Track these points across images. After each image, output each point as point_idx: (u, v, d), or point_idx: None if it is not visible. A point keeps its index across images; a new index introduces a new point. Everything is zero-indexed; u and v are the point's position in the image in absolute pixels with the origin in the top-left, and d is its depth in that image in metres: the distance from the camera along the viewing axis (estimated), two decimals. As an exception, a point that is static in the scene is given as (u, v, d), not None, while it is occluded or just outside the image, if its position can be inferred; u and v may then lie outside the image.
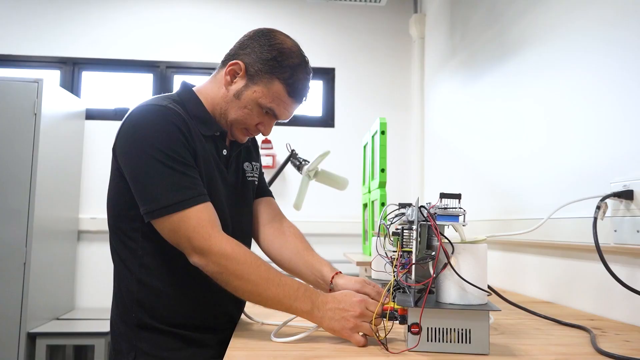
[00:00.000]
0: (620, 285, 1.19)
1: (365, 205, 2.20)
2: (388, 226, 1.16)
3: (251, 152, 1.31)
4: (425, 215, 0.91)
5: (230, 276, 0.99)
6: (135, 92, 3.48)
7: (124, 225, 1.12)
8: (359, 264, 1.69)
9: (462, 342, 0.89)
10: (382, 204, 1.68)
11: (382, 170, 1.68)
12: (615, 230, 1.24)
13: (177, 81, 3.49)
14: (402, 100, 3.54)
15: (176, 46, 3.44)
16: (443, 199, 0.90)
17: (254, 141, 1.35)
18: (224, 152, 1.19)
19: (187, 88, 1.19)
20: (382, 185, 1.70)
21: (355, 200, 3.20)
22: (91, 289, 3.21)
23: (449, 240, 0.90)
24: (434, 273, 0.89)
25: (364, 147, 2.25)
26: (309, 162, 2.19)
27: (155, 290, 1.10)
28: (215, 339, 1.13)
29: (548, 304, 1.55)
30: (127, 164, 1.05)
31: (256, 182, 1.30)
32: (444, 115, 2.83)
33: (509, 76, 1.96)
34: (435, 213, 0.90)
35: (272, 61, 1.11)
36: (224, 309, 1.17)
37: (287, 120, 1.21)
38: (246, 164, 1.26)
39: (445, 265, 0.89)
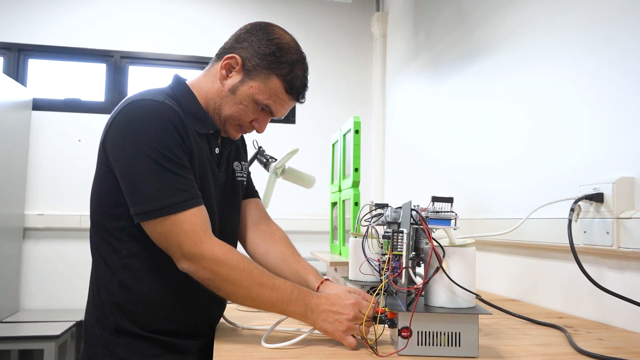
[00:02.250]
0: (587, 284, 1.23)
1: (333, 204, 2.19)
2: (372, 227, 1.15)
3: (240, 151, 1.27)
4: (417, 218, 0.90)
5: (223, 282, 0.96)
6: (87, 82, 3.31)
7: (109, 224, 1.05)
8: (332, 264, 1.67)
9: (451, 345, 0.89)
10: (356, 204, 1.67)
11: (356, 170, 1.67)
12: (584, 232, 1.28)
13: (132, 72, 3.35)
14: (363, 98, 3.56)
15: (131, 35, 3.30)
16: (436, 202, 0.90)
17: (243, 140, 1.31)
18: (216, 150, 1.14)
19: (180, 82, 1.13)
20: (356, 184, 1.69)
21: (319, 198, 3.19)
22: (38, 290, 3.04)
23: (440, 244, 0.90)
24: (425, 277, 0.89)
25: (333, 145, 2.23)
26: (275, 159, 2.15)
27: (137, 294, 1.04)
28: (197, 345, 1.08)
29: (515, 302, 1.60)
30: (119, 160, 0.99)
31: (245, 183, 1.26)
32: (407, 115, 2.86)
33: (476, 77, 1.99)
34: (427, 216, 0.89)
35: (270, 56, 1.07)
36: (208, 315, 1.13)
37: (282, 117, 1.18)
38: (236, 163, 1.22)
39: (437, 269, 0.88)
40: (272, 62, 1.07)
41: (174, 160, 0.97)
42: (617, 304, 1.20)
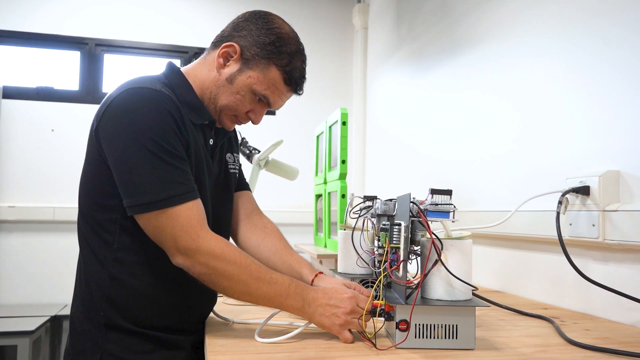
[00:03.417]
0: (572, 275, 1.25)
1: (318, 196, 2.17)
2: (368, 220, 1.14)
3: (232, 143, 1.24)
4: (416, 211, 0.90)
5: (220, 277, 0.94)
6: (61, 70, 3.20)
7: (99, 215, 1.02)
8: (320, 257, 1.66)
9: (448, 337, 0.89)
10: (343, 196, 1.66)
11: (343, 162, 1.66)
12: (570, 224, 1.30)
13: (108, 60, 3.25)
14: (343, 90, 3.55)
15: (107, 23, 3.20)
16: (434, 195, 0.89)
17: (234, 132, 1.28)
18: (210, 141, 1.11)
19: (175, 70, 1.09)
20: (343, 176, 1.69)
21: (301, 190, 3.17)
22: (10, 284, 2.94)
23: (437, 237, 0.90)
24: (425, 269, 0.89)
25: (317, 137, 2.21)
26: (259, 150, 2.12)
27: (129, 288, 1.01)
28: (189, 340, 1.06)
29: (499, 293, 1.62)
30: (114, 150, 0.95)
31: (237, 175, 1.24)
32: (389, 107, 2.86)
33: (461, 70, 2.00)
34: (426, 209, 0.89)
35: (270, 46, 1.05)
36: (200, 309, 1.10)
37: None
38: (228, 155, 1.20)
39: (436, 262, 0.88)
40: (272, 52, 1.05)
41: (171, 152, 0.95)
42: (602, 295, 1.23)
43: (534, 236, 1.46)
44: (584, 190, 1.26)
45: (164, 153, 0.93)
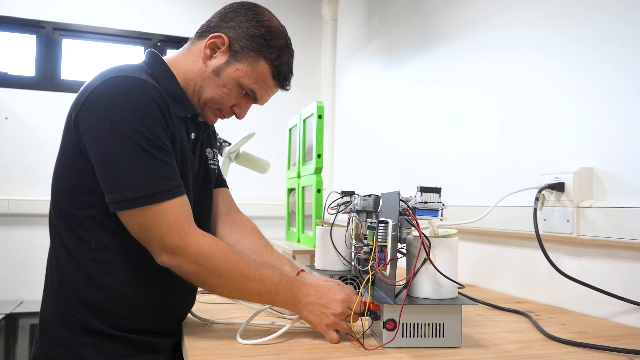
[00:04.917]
0: (544, 270, 1.28)
1: (290, 190, 2.14)
2: (354, 217, 1.12)
3: (212, 137, 1.19)
4: (404, 209, 0.88)
5: (209, 275, 0.90)
6: (15, 55, 3.03)
7: (77, 212, 0.95)
8: (295, 252, 1.64)
9: (435, 336, 0.89)
10: (318, 191, 1.64)
11: (319, 156, 1.64)
12: (545, 220, 1.32)
13: (66, 45, 3.10)
14: (311, 83, 3.50)
15: (65, 5, 3.04)
16: (424, 193, 0.88)
17: (213, 126, 1.23)
18: (192, 135, 1.06)
19: (157, 59, 1.03)
20: (319, 171, 1.66)
21: (270, 183, 3.12)
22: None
23: (425, 235, 0.89)
24: (414, 268, 0.88)
25: (290, 130, 2.18)
26: (229, 143, 2.07)
27: (108, 290, 0.95)
28: (168, 342, 1.01)
29: (471, 287, 1.64)
30: (96, 142, 0.89)
31: (216, 171, 1.19)
32: (359, 101, 2.85)
33: (434, 64, 2.00)
34: (415, 207, 0.88)
35: (260, 39, 1.01)
36: (180, 310, 1.06)
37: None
38: (208, 150, 1.15)
39: (425, 261, 0.87)
40: (262, 45, 1.02)
41: (158, 145, 0.89)
42: (575, 289, 1.26)
43: (508, 231, 1.48)
44: (558, 187, 1.28)
45: (150, 146, 0.88)
